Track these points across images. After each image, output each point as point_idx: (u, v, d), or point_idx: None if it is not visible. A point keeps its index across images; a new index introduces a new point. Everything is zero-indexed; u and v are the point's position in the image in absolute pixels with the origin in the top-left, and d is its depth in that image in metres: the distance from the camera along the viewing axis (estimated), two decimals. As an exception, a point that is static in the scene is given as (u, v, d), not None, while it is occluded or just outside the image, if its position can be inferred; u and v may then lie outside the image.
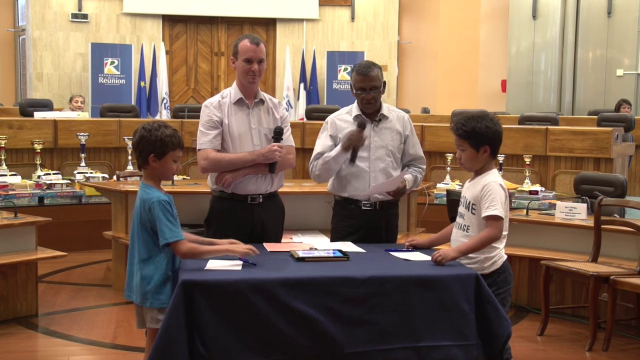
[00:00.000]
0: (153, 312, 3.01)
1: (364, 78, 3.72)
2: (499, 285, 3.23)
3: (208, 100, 3.76)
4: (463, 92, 13.14)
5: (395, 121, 3.86)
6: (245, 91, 3.71)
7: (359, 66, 3.77)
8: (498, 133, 3.25)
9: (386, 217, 3.84)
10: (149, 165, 3.05)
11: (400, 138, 3.86)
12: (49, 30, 12.01)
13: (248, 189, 3.67)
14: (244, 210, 3.68)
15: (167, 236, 2.92)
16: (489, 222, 3.15)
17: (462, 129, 3.24)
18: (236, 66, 3.70)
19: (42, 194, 6.54)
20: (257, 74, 3.66)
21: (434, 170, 7.54)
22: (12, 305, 4.79)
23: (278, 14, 12.89)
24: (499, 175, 3.30)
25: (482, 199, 3.18)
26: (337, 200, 3.92)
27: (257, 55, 3.64)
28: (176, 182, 5.75)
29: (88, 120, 8.06)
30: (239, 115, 3.70)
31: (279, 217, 3.86)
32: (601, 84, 11.79)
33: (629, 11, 11.56)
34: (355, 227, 3.80)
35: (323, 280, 2.93)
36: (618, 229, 4.74)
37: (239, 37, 3.75)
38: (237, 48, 3.67)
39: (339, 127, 3.82)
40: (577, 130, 7.11)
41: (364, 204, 3.79)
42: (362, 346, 2.92)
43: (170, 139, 3.05)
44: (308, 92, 12.61)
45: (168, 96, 12.25)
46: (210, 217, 3.77)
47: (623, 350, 4.44)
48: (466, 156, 3.27)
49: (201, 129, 3.69)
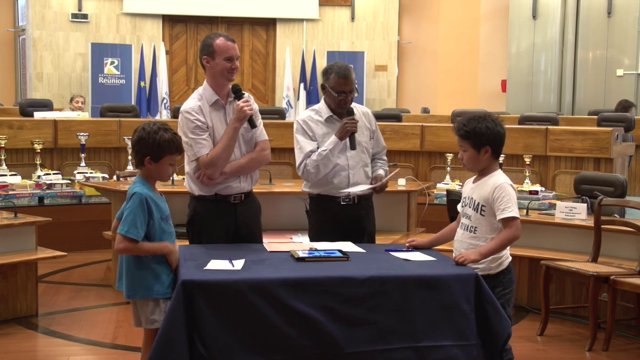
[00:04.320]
0: (147, 311, 3.02)
1: (346, 82, 3.77)
2: (505, 286, 3.25)
3: (188, 106, 3.61)
4: (463, 92, 13.13)
5: (362, 117, 3.95)
6: (219, 90, 3.65)
7: (338, 68, 3.78)
8: (499, 134, 3.25)
9: (366, 210, 3.95)
10: (144, 166, 3.08)
11: (369, 133, 3.99)
12: (49, 30, 12.01)
13: (232, 189, 3.65)
14: (228, 210, 3.67)
15: (126, 229, 2.94)
16: (507, 223, 3.17)
17: (463, 130, 3.25)
18: (212, 65, 3.60)
19: (42, 194, 6.54)
20: (236, 71, 3.64)
21: (434, 170, 7.54)
22: (12, 305, 4.79)
23: (278, 14, 12.89)
24: (506, 176, 3.30)
25: (495, 200, 3.19)
26: (312, 197, 3.94)
27: (236, 52, 3.62)
28: (176, 182, 5.75)
29: (88, 120, 8.05)
30: (216, 116, 3.64)
31: (258, 213, 3.86)
32: (601, 84, 11.78)
33: (629, 11, 11.54)
34: (335, 222, 3.84)
35: (323, 280, 2.93)
36: (618, 229, 4.74)
37: (207, 37, 3.66)
38: (213, 47, 3.58)
39: (314, 130, 3.86)
40: (577, 130, 7.11)
41: (343, 199, 3.85)
42: (362, 346, 2.92)
43: (168, 143, 3.05)
44: (308, 92, 12.62)
45: (168, 96, 12.25)
46: (193, 219, 3.71)
47: (623, 350, 4.44)
48: (468, 156, 3.28)
49: (192, 137, 3.55)
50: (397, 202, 5.62)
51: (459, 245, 3.33)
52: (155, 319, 3.00)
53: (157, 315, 3.01)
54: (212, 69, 3.62)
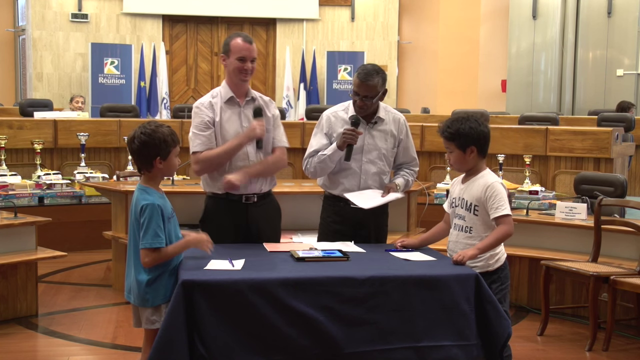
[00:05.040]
0: (147, 312, 3.02)
1: (361, 85, 3.70)
2: (502, 281, 3.32)
3: (199, 101, 3.71)
4: (463, 92, 13.13)
5: (391, 123, 3.86)
6: (236, 90, 3.68)
7: (362, 69, 3.72)
8: (483, 133, 3.30)
9: (374, 217, 3.83)
10: (153, 168, 3.04)
11: (394, 141, 3.87)
12: (49, 30, 12.01)
13: (242, 189, 3.64)
14: (238, 210, 3.66)
15: (150, 241, 2.92)
16: (502, 220, 3.24)
17: (447, 131, 3.31)
18: (227, 64, 3.65)
19: (42, 194, 6.54)
20: (249, 72, 3.64)
21: (434, 170, 7.54)
22: (12, 305, 4.79)
23: (278, 14, 12.89)
24: (495, 174, 3.37)
25: (487, 200, 3.25)
26: (326, 195, 3.92)
27: (250, 54, 3.62)
28: (176, 182, 5.76)
29: (88, 120, 8.06)
30: (230, 114, 3.66)
31: (275, 216, 3.83)
32: (601, 84, 11.78)
33: (629, 11, 11.55)
34: (343, 224, 3.81)
35: (323, 280, 2.93)
36: (618, 229, 4.74)
37: (229, 36, 3.71)
38: (230, 46, 3.63)
39: (333, 125, 3.82)
40: (577, 130, 7.11)
41: (353, 203, 3.78)
42: (362, 346, 2.92)
43: (171, 136, 3.06)
44: (308, 92, 12.62)
45: (168, 96, 12.25)
46: (205, 217, 3.74)
47: (623, 350, 4.44)
48: (454, 157, 3.34)
49: (194, 131, 3.63)
50: (397, 202, 5.54)
51: (455, 246, 3.36)
52: (155, 319, 3.00)
53: (157, 315, 3.00)
54: (227, 68, 3.67)
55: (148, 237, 2.92)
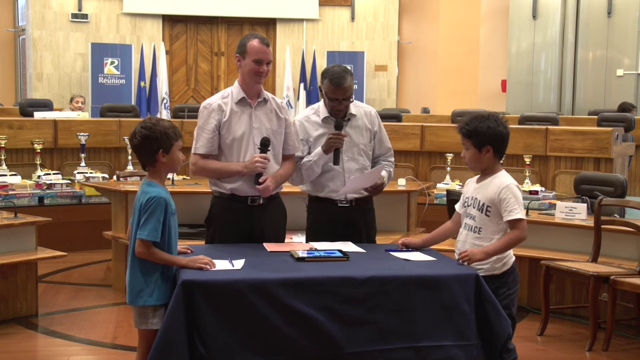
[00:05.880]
0: (136, 311, 3.00)
1: (337, 89, 3.69)
2: (509, 286, 3.25)
3: (207, 101, 3.70)
4: (463, 92, 13.14)
5: (363, 117, 3.88)
6: (248, 90, 3.66)
7: (332, 74, 3.70)
8: (501, 134, 3.24)
9: (363, 213, 3.86)
10: (157, 162, 3.03)
11: (370, 135, 3.90)
12: (49, 30, 12.01)
13: (248, 191, 3.64)
14: (243, 211, 3.65)
15: (146, 233, 2.90)
16: (514, 224, 3.17)
17: (465, 128, 3.26)
18: (242, 65, 3.63)
19: (42, 194, 6.54)
20: (264, 75, 3.63)
21: (434, 170, 7.54)
22: (12, 305, 4.79)
23: (278, 14, 12.90)
24: (511, 177, 3.29)
25: (501, 202, 3.18)
26: (312, 197, 3.92)
27: (267, 56, 3.61)
28: (176, 182, 5.76)
29: (88, 120, 8.06)
30: (240, 114, 3.65)
31: (280, 219, 3.82)
32: (601, 84, 11.79)
33: (629, 11, 11.55)
34: (332, 224, 3.81)
35: (323, 280, 2.93)
36: (618, 229, 4.74)
37: (245, 36, 3.68)
38: (246, 47, 3.59)
39: (308, 130, 3.84)
40: (577, 130, 7.11)
41: (340, 202, 3.80)
42: (362, 346, 2.92)
43: (172, 130, 3.06)
44: (308, 92, 12.62)
45: (168, 96, 12.25)
46: (210, 217, 3.75)
47: (623, 350, 4.44)
48: (469, 155, 3.28)
49: (198, 132, 3.64)
50: (397, 202, 5.62)
51: (463, 246, 3.30)
52: (155, 320, 3.00)
53: (157, 316, 3.00)
54: (241, 69, 3.64)
55: (147, 228, 2.91)
